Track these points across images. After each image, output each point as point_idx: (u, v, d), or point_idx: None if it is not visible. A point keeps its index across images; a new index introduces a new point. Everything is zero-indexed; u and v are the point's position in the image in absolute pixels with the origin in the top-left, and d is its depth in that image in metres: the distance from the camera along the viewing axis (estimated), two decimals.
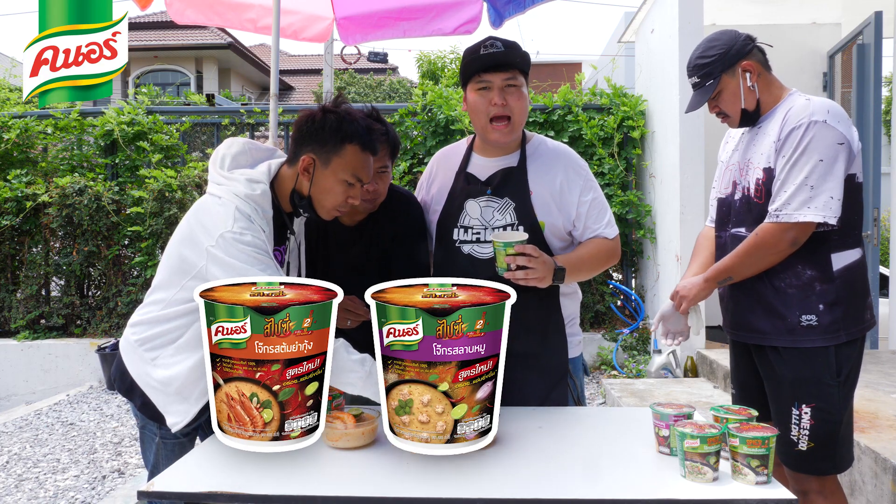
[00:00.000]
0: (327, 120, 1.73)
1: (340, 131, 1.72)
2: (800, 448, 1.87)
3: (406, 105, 6.19)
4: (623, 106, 5.89)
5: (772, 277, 1.92)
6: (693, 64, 2.03)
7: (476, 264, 1.92)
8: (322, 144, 1.72)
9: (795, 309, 1.89)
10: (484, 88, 1.90)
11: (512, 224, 1.93)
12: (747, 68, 1.97)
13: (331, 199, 1.75)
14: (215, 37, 20.65)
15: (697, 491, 1.34)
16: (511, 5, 3.21)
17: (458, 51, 16.97)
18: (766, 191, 1.91)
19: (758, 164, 1.95)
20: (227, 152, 1.78)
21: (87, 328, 5.98)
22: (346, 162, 1.73)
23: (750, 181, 1.97)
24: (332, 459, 1.54)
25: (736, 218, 2.03)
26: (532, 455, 1.56)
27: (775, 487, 1.34)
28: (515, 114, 1.91)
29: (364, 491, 1.36)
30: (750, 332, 2.00)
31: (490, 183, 1.96)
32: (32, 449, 4.07)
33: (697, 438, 1.35)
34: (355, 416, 1.63)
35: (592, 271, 2.04)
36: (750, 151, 2.01)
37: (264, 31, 3.49)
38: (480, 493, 1.34)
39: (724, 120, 2.07)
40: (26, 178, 5.94)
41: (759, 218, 1.93)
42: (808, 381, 1.87)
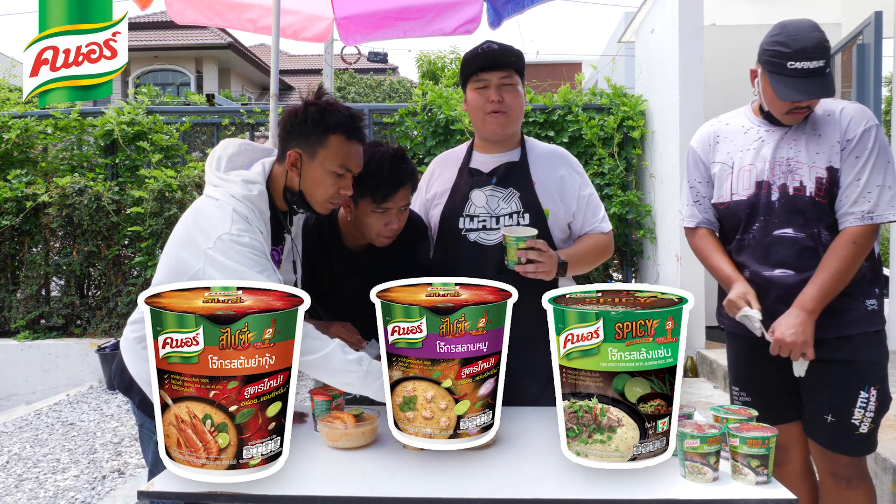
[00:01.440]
0: (309, 113, 1.72)
1: (323, 123, 1.71)
2: (861, 431, 1.91)
3: (406, 105, 6.19)
4: (623, 106, 5.89)
5: None
6: (822, 45, 1.83)
7: (483, 251, 1.99)
8: (307, 138, 1.72)
9: (861, 295, 1.93)
10: (482, 87, 1.98)
11: (518, 211, 1.99)
12: None
13: (321, 192, 1.75)
14: (215, 37, 20.65)
15: (697, 491, 1.34)
16: (510, 5, 3.21)
17: (458, 51, 16.96)
18: (828, 190, 1.89)
19: (814, 162, 1.91)
20: (223, 153, 1.77)
21: (87, 328, 5.98)
22: (332, 153, 1.72)
23: (805, 180, 1.91)
24: (332, 459, 1.54)
25: (776, 219, 1.95)
26: (532, 455, 1.56)
27: (775, 487, 1.35)
28: (512, 109, 1.99)
29: (364, 491, 1.36)
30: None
31: (495, 173, 2.03)
32: (32, 449, 4.07)
33: (697, 438, 1.35)
34: (355, 416, 1.63)
35: (591, 264, 2.09)
36: (787, 151, 1.95)
37: (264, 31, 3.49)
38: (480, 493, 1.34)
39: (796, 115, 1.92)
40: (26, 178, 5.94)
41: (815, 218, 1.90)
42: (876, 364, 1.93)
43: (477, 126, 2.06)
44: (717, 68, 5.70)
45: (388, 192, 1.86)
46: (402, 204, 1.91)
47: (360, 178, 1.82)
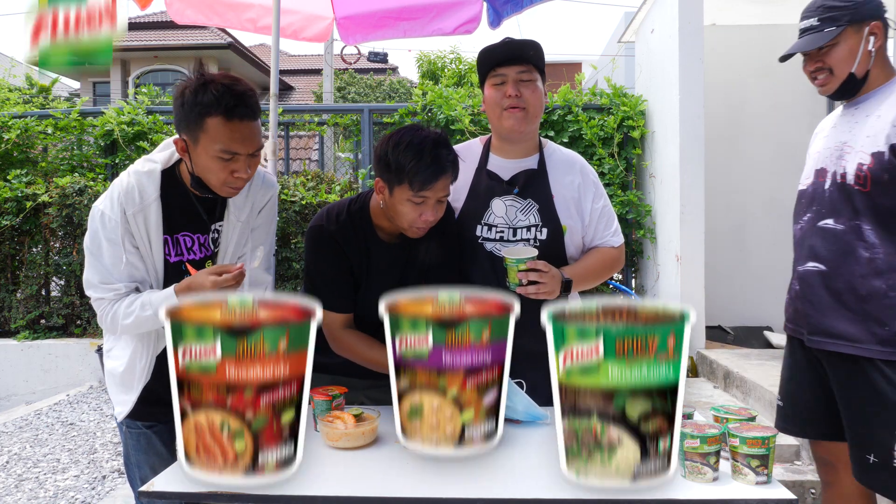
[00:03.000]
0: (185, 96, 1.61)
1: (197, 105, 1.59)
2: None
3: (406, 105, 6.18)
4: (623, 106, 5.89)
5: (874, 277, 1.71)
6: (817, 4, 1.79)
7: (496, 262, 1.94)
8: (187, 123, 1.63)
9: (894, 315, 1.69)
10: (500, 83, 1.91)
11: (536, 224, 1.94)
12: (875, 30, 1.75)
13: (214, 178, 1.66)
14: (215, 37, 20.65)
15: (697, 491, 1.34)
16: (509, 5, 3.21)
17: (458, 51, 16.97)
18: (871, 178, 1.70)
19: (862, 147, 1.73)
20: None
21: (87, 328, 5.98)
22: (212, 138, 1.60)
23: (848, 166, 1.75)
24: (332, 459, 1.54)
25: (824, 208, 1.81)
26: (532, 454, 1.56)
27: (775, 487, 1.34)
28: (530, 104, 1.92)
29: (364, 491, 1.36)
30: (831, 339, 1.77)
31: (515, 182, 1.97)
32: (32, 449, 4.07)
33: (697, 438, 1.35)
34: (355, 416, 1.63)
35: (597, 280, 2.03)
36: (847, 134, 1.79)
37: (264, 31, 3.49)
38: (481, 493, 1.34)
39: (822, 81, 1.82)
40: (26, 178, 5.94)
41: (859, 209, 1.72)
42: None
43: (494, 123, 1.98)
44: (717, 68, 5.70)
45: (428, 179, 1.70)
46: (441, 194, 1.76)
47: (398, 163, 1.71)
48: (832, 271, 1.79)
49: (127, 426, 1.81)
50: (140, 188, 1.67)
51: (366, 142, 6.14)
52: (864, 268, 1.72)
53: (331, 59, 14.91)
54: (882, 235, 1.71)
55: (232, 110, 1.58)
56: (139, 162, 1.73)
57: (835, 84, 1.80)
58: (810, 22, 1.79)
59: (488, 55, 1.93)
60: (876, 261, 1.71)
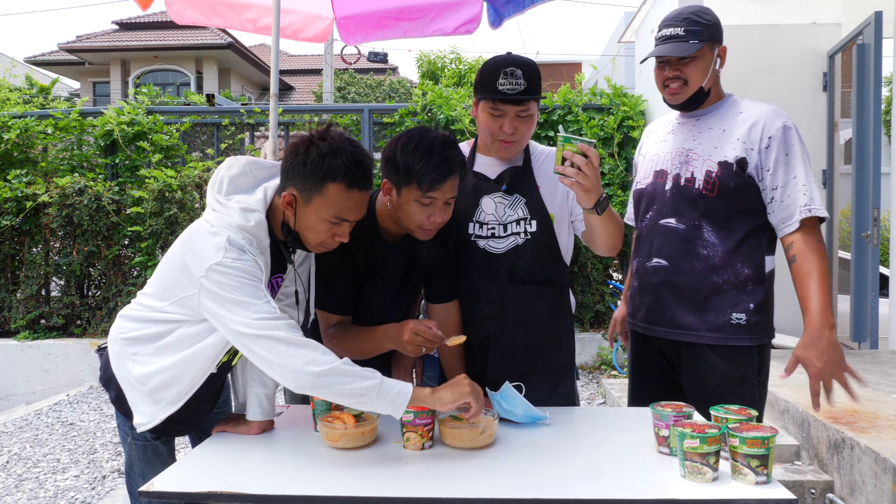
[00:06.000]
0: (310, 154, 1.60)
1: (322, 168, 1.58)
2: None
3: (406, 105, 6.19)
4: (623, 106, 5.89)
5: (711, 273, 1.90)
6: (683, 16, 1.91)
7: (490, 259, 1.96)
8: (304, 180, 1.60)
9: (728, 307, 1.89)
10: (497, 115, 1.90)
11: (525, 217, 1.96)
12: (721, 53, 1.96)
13: (313, 237, 1.65)
14: (215, 37, 20.65)
15: (697, 491, 1.34)
16: (510, 5, 3.21)
17: (458, 51, 16.99)
18: (719, 184, 1.87)
19: (709, 156, 1.91)
20: (226, 175, 1.69)
21: (87, 328, 5.98)
22: (328, 202, 1.60)
23: (695, 172, 1.92)
24: (332, 459, 1.54)
25: (665, 208, 1.97)
26: (532, 455, 1.56)
27: (775, 487, 1.34)
28: (523, 136, 1.94)
29: (364, 491, 1.36)
30: (672, 329, 1.95)
31: (502, 180, 1.99)
32: (32, 449, 4.07)
33: (697, 438, 1.35)
34: (355, 416, 1.63)
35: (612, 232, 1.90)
36: (692, 142, 1.97)
37: (264, 31, 3.49)
38: (480, 493, 1.34)
39: (674, 90, 1.96)
40: (26, 178, 5.94)
41: (702, 211, 1.89)
42: (734, 381, 1.88)
43: (484, 142, 2.01)
44: None
45: (437, 179, 1.69)
46: (449, 195, 1.75)
47: (407, 164, 1.70)
48: (674, 267, 1.95)
49: (132, 437, 1.75)
50: (256, 237, 1.63)
51: (366, 142, 6.14)
52: (703, 264, 1.91)
53: (331, 59, 14.91)
54: (719, 235, 1.90)
55: (354, 180, 1.60)
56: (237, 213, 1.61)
57: (686, 94, 1.95)
58: (676, 31, 1.92)
59: (491, 86, 1.87)
60: (713, 258, 1.91)
